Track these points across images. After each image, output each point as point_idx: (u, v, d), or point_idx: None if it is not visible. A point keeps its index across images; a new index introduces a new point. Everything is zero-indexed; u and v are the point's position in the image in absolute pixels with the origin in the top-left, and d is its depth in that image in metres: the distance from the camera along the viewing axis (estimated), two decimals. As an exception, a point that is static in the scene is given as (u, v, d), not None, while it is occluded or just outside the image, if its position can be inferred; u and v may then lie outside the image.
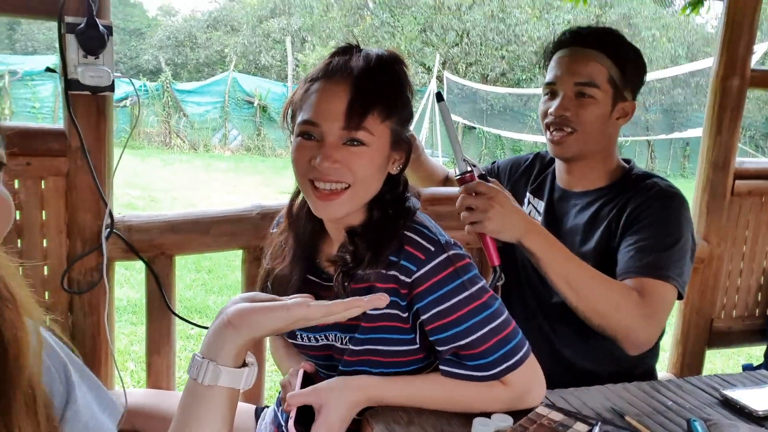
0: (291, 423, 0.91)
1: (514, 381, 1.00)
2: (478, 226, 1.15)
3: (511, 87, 16.63)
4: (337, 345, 1.06)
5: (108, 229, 1.38)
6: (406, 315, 1.02)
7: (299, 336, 1.11)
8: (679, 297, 1.27)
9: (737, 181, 1.98)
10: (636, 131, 15.47)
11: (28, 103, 11.85)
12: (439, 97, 1.20)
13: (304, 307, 0.73)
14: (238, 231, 1.53)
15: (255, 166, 11.58)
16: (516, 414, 0.98)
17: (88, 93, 1.31)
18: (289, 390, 1.02)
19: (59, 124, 1.38)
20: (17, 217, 1.33)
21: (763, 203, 2.08)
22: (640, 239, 1.26)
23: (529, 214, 1.49)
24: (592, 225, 1.37)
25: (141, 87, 13.24)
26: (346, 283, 1.00)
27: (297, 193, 1.10)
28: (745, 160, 2.02)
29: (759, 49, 7.84)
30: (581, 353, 1.38)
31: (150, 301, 1.51)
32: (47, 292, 1.40)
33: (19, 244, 1.36)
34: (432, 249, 0.99)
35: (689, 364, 2.09)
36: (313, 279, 1.09)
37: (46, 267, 1.40)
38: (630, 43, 1.37)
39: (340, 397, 0.96)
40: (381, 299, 0.75)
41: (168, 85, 13.43)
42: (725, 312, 2.12)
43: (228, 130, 14.00)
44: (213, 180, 9.46)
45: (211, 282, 4.59)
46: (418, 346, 1.03)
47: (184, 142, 13.45)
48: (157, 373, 1.57)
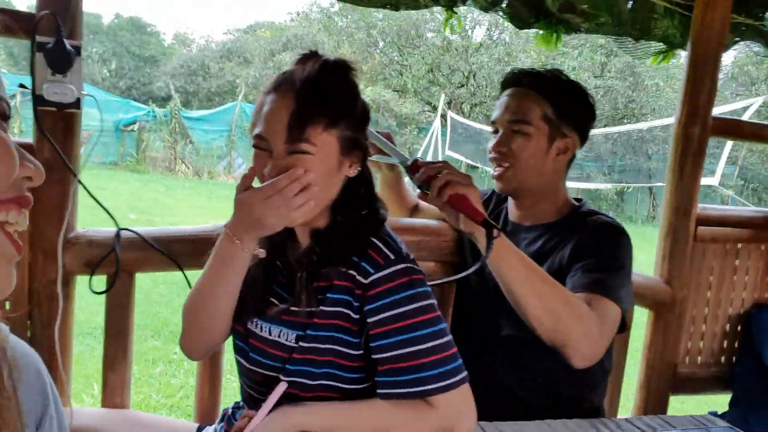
0: None
1: (445, 404, 1.00)
2: (458, 186, 1.18)
3: (515, 129, 16.74)
4: (284, 342, 1.07)
5: (66, 242, 1.41)
6: (356, 317, 1.03)
7: (257, 325, 1.11)
8: (622, 327, 1.27)
9: (700, 227, 2.00)
10: (638, 179, 15.54)
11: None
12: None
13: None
14: (198, 250, 1.54)
15: (257, 194, 11.64)
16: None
17: (54, 109, 1.36)
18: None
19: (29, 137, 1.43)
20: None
21: (728, 251, 2.09)
22: (587, 263, 1.29)
23: None
24: (538, 259, 1.39)
25: (149, 112, 13.48)
26: (308, 283, 1.04)
27: None
28: (708, 206, 2.04)
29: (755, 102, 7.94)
30: (526, 385, 1.39)
31: (108, 318, 1.52)
32: (8, 303, 1.43)
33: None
34: (392, 257, 1.03)
35: (653, 409, 2.07)
36: (275, 289, 1.12)
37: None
38: (572, 83, 1.42)
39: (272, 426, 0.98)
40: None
41: (176, 112, 13.66)
42: (689, 358, 2.11)
43: (233, 158, 14.17)
44: (213, 206, 9.54)
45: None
46: (361, 352, 1.05)
47: (188, 168, 13.61)
48: (112, 390, 1.57)
